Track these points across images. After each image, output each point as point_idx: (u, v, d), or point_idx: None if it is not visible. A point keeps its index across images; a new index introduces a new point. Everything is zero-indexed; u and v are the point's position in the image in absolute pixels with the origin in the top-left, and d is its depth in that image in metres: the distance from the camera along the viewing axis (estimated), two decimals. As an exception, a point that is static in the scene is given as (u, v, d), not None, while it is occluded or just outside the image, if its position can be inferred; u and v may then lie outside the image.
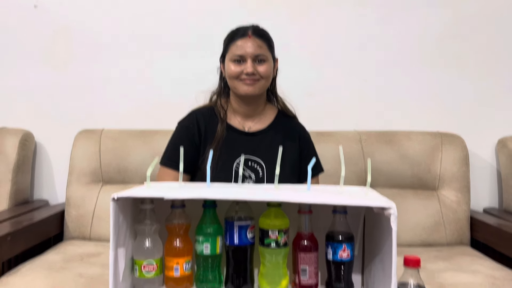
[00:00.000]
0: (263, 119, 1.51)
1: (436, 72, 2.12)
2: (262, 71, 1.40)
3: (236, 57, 1.40)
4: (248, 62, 1.39)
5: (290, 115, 1.56)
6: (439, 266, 1.56)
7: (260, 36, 1.42)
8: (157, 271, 0.95)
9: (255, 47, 1.39)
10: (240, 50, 1.39)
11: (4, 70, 2.18)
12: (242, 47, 1.39)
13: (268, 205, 0.97)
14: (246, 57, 1.39)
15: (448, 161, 1.93)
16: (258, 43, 1.40)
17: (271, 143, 1.46)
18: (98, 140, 1.98)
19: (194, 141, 1.45)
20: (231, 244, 0.96)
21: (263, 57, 1.40)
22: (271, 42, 1.46)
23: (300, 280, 0.95)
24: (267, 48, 1.42)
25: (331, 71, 2.14)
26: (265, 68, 1.41)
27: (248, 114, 1.50)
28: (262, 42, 1.41)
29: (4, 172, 1.97)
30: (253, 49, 1.39)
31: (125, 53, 2.16)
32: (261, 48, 1.40)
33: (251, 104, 1.47)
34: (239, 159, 1.40)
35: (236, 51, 1.40)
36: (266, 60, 1.41)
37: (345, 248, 0.94)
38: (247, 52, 1.39)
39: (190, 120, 1.48)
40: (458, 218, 1.88)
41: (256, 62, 1.40)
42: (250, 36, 1.40)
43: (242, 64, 1.40)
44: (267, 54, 1.41)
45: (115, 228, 0.86)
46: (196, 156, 1.45)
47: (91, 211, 1.91)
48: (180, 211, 0.97)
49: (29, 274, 1.45)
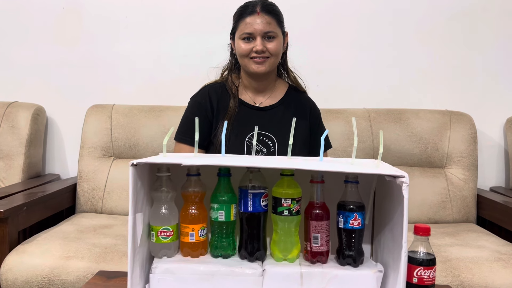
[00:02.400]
0: (274, 94, 1.53)
1: (446, 51, 2.12)
2: (272, 48, 1.40)
3: (245, 35, 1.40)
4: (257, 40, 1.39)
5: (300, 90, 1.57)
6: (446, 242, 1.59)
7: (269, 12, 1.40)
8: (173, 237, 0.98)
9: (264, 24, 1.38)
10: (249, 28, 1.39)
11: (16, 46, 2.20)
12: (251, 25, 1.39)
13: (281, 175, 0.99)
14: (256, 34, 1.39)
15: (456, 139, 1.94)
16: (267, 19, 1.39)
17: (282, 118, 1.48)
18: (109, 115, 2.01)
19: (207, 115, 1.47)
20: (245, 211, 0.98)
21: (272, 34, 1.40)
22: (280, 17, 1.45)
23: (312, 247, 0.97)
24: (276, 24, 1.41)
25: (341, 49, 2.14)
26: (274, 45, 1.40)
27: (259, 89, 1.51)
28: (271, 18, 1.40)
29: (17, 145, 2.00)
30: (262, 26, 1.38)
31: (135, 29, 2.17)
32: (270, 25, 1.39)
33: (261, 80, 1.49)
34: (251, 133, 1.42)
35: (245, 29, 1.40)
36: (275, 37, 1.41)
37: (356, 217, 0.96)
38: (256, 29, 1.38)
39: (203, 96, 1.50)
40: (464, 196, 1.90)
41: (265, 39, 1.40)
42: (259, 12, 1.39)
43: (252, 41, 1.40)
44: (276, 30, 1.41)
45: (134, 194, 0.88)
46: (209, 131, 1.47)
47: (103, 185, 1.95)
48: (195, 179, 0.99)
49: (45, 243, 1.49)
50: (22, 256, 1.43)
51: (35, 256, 1.43)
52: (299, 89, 1.57)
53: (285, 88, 1.55)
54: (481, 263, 1.41)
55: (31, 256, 1.43)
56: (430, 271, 0.90)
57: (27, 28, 2.19)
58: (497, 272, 1.38)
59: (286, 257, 0.99)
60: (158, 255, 0.98)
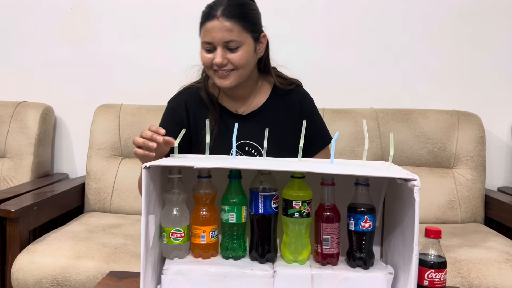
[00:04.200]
0: (257, 98, 1.36)
1: (454, 50, 2.11)
2: (235, 60, 1.21)
3: (205, 44, 1.22)
4: (217, 51, 1.20)
5: (287, 89, 1.37)
6: (454, 242, 1.59)
7: (230, 16, 1.19)
8: (184, 239, 0.99)
9: (223, 31, 1.18)
10: (207, 36, 1.20)
11: (25, 46, 2.22)
12: (210, 33, 1.20)
13: (292, 177, 0.99)
14: (215, 44, 1.20)
15: (464, 139, 1.94)
16: (228, 26, 1.18)
17: (267, 124, 1.24)
18: (118, 114, 2.02)
19: (183, 125, 1.32)
20: (256, 213, 0.99)
21: (234, 44, 1.20)
22: (248, 20, 1.22)
23: (323, 249, 0.98)
24: (241, 29, 1.20)
25: (348, 48, 2.14)
26: (238, 56, 1.20)
27: (239, 97, 1.35)
28: (234, 24, 1.19)
29: (26, 145, 2.02)
30: (221, 35, 1.18)
31: (143, 29, 2.17)
32: (231, 33, 1.18)
33: (238, 89, 1.31)
34: (237, 144, 1.27)
35: (204, 37, 1.22)
36: (240, 46, 1.20)
37: (367, 219, 0.96)
38: (215, 38, 1.19)
39: (179, 103, 1.35)
40: (472, 196, 1.90)
41: (227, 49, 1.20)
42: (219, 17, 1.18)
43: (213, 52, 1.21)
44: (240, 38, 1.20)
45: (147, 196, 0.89)
46: (186, 141, 1.30)
47: (111, 184, 1.96)
48: (206, 181, 1.00)
49: (55, 243, 1.51)
50: (33, 256, 1.44)
51: (45, 256, 1.44)
52: (284, 88, 1.37)
53: (270, 88, 1.37)
54: (490, 264, 1.41)
55: (42, 256, 1.44)
56: (441, 273, 0.91)
57: (36, 28, 2.21)
58: (506, 274, 1.38)
59: (296, 259, 0.99)
60: (169, 256, 0.99)
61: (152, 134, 1.01)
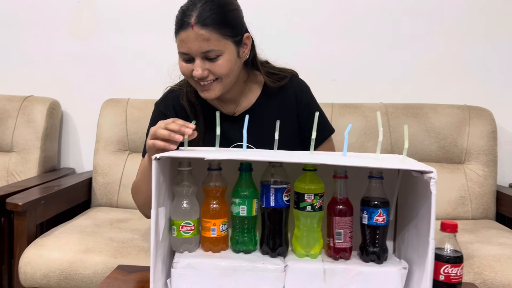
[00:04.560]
0: (248, 97, 1.27)
1: (465, 44, 2.08)
2: (216, 70, 1.11)
3: (182, 55, 1.13)
4: (196, 62, 1.10)
5: (278, 86, 1.27)
6: (466, 239, 1.56)
7: (206, 24, 1.07)
8: (194, 232, 0.97)
9: (200, 42, 1.07)
10: (183, 47, 1.10)
11: (31, 40, 2.21)
12: (185, 43, 1.09)
13: (304, 170, 0.97)
14: (192, 55, 1.10)
15: (475, 134, 1.91)
16: (204, 35, 1.07)
17: (261, 122, 1.22)
18: (125, 109, 2.01)
19: None
20: (267, 206, 0.97)
21: (213, 53, 1.09)
22: (227, 25, 1.10)
23: (335, 243, 0.96)
24: (219, 37, 1.09)
25: (358, 42, 2.11)
26: (219, 66, 1.10)
27: (229, 99, 1.27)
28: (210, 32, 1.07)
29: (33, 139, 2.01)
30: (197, 45, 1.08)
31: (150, 23, 2.16)
32: (208, 42, 1.07)
33: (226, 92, 1.21)
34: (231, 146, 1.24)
35: (180, 47, 1.12)
36: (220, 54, 1.10)
37: (381, 213, 0.94)
38: (191, 49, 1.09)
39: (167, 106, 1.27)
40: (484, 192, 1.87)
41: (206, 59, 1.10)
42: (193, 26, 1.07)
43: (191, 62, 1.12)
44: (219, 46, 1.09)
45: (157, 188, 0.87)
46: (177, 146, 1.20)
47: (118, 179, 1.95)
48: (217, 173, 0.98)
49: (62, 237, 1.50)
50: (40, 250, 1.43)
51: (53, 250, 1.43)
52: (274, 85, 1.26)
53: (261, 87, 1.28)
54: (504, 260, 1.38)
55: (49, 250, 1.43)
56: (457, 268, 0.88)
57: (42, 23, 2.20)
58: (520, 270, 1.36)
59: (308, 253, 0.97)
60: (179, 250, 0.97)
61: (180, 127, 0.96)
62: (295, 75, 1.32)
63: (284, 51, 2.08)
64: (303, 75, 1.34)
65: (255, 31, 1.24)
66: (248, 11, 1.43)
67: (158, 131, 0.97)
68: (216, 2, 1.10)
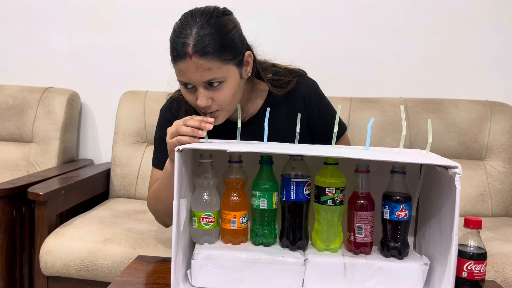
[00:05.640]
0: (254, 103, 1.23)
1: (487, 38, 2.04)
2: (221, 99, 1.05)
3: (183, 84, 1.07)
4: (199, 91, 1.04)
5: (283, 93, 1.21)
6: (486, 236, 1.54)
7: (205, 53, 1.00)
8: (214, 224, 0.97)
9: (201, 72, 1.01)
10: (183, 77, 1.04)
11: (51, 32, 2.23)
12: (185, 74, 1.03)
13: (325, 163, 0.97)
14: (194, 85, 1.05)
15: (496, 130, 1.88)
16: (204, 65, 1.00)
17: (269, 128, 1.08)
18: (143, 101, 2.02)
19: None
20: (288, 199, 0.97)
21: (217, 80, 1.03)
22: (226, 49, 1.03)
23: (356, 238, 0.95)
24: (220, 64, 1.02)
25: (376, 36, 2.08)
26: (224, 93, 1.05)
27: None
28: (211, 61, 1.00)
29: (53, 130, 2.04)
30: (198, 76, 1.01)
31: (169, 15, 2.15)
32: (210, 71, 1.01)
33: None
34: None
35: (179, 76, 1.05)
36: (224, 81, 1.04)
37: (403, 208, 0.93)
38: (192, 80, 1.03)
39: (173, 115, 1.23)
40: (504, 189, 1.84)
41: (209, 87, 1.04)
42: (191, 56, 1.00)
43: (193, 90, 1.06)
44: (222, 73, 1.03)
45: (179, 180, 0.88)
46: None
47: (136, 171, 1.96)
48: (237, 166, 0.98)
49: (82, 227, 1.52)
50: (61, 239, 1.45)
51: (73, 240, 1.45)
52: (280, 91, 1.21)
53: (267, 91, 1.23)
54: (525, 258, 1.36)
55: (69, 239, 1.45)
56: (481, 265, 0.87)
57: (62, 15, 2.21)
58: (541, 269, 1.33)
59: (328, 247, 0.97)
60: (199, 241, 0.98)
61: (200, 123, 0.95)
62: (302, 74, 1.27)
63: (302, 46, 2.07)
64: (320, 69, 1.32)
65: (272, 26, 1.21)
66: (266, 4, 1.42)
67: (181, 128, 0.96)
68: (213, 24, 1.02)
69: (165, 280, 0.98)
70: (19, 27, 2.25)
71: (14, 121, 2.07)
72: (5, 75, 2.25)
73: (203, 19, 1.03)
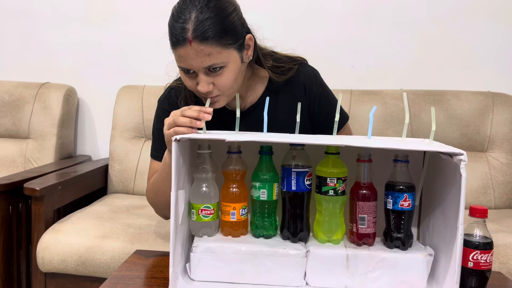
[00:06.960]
0: (254, 92, 1.21)
1: (488, 29, 2.01)
2: (222, 84, 1.04)
3: (183, 69, 1.05)
4: (200, 77, 1.02)
5: (284, 79, 1.19)
6: (489, 228, 1.49)
7: (204, 38, 0.97)
8: (213, 216, 0.95)
9: (201, 58, 0.99)
10: (183, 63, 1.02)
11: (47, 26, 2.20)
12: (185, 59, 1.01)
13: (326, 153, 0.95)
14: (194, 70, 1.03)
15: (499, 122, 1.85)
16: (204, 50, 0.98)
17: (269, 116, 1.05)
18: (141, 96, 1.99)
19: None
20: (289, 190, 0.94)
21: (217, 66, 1.01)
22: (227, 33, 1.00)
23: (358, 229, 0.93)
24: (221, 49, 1.00)
25: (377, 27, 2.06)
26: (225, 78, 1.03)
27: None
28: (211, 46, 0.98)
29: (50, 126, 2.01)
30: (199, 62, 1.00)
31: (166, 9, 2.13)
32: (210, 56, 0.99)
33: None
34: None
35: (179, 62, 1.03)
36: (224, 66, 1.02)
37: (407, 197, 0.91)
38: (192, 66, 1.01)
39: (171, 104, 1.21)
40: (507, 181, 1.82)
41: (210, 72, 1.02)
42: (191, 41, 0.97)
43: (193, 75, 1.04)
44: (222, 58, 1.01)
45: (177, 171, 0.86)
46: None
47: (134, 166, 1.94)
48: (236, 156, 0.96)
49: (79, 223, 1.49)
50: (58, 235, 1.43)
51: (70, 235, 1.43)
52: (279, 79, 1.18)
53: (266, 80, 1.21)
54: (530, 250, 1.34)
55: (66, 235, 1.43)
56: (487, 255, 0.85)
57: (58, 9, 2.19)
58: (546, 260, 1.31)
59: (330, 238, 0.95)
60: (198, 234, 0.96)
61: (198, 113, 0.93)
62: (303, 62, 1.24)
63: (302, 37, 2.05)
64: (320, 61, 1.30)
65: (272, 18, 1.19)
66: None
67: (179, 119, 0.94)
68: (212, 7, 1.00)
69: (164, 274, 0.96)
70: (14, 22, 2.22)
71: (11, 117, 2.04)
72: (1, 71, 2.23)
73: (202, 2, 1.00)
